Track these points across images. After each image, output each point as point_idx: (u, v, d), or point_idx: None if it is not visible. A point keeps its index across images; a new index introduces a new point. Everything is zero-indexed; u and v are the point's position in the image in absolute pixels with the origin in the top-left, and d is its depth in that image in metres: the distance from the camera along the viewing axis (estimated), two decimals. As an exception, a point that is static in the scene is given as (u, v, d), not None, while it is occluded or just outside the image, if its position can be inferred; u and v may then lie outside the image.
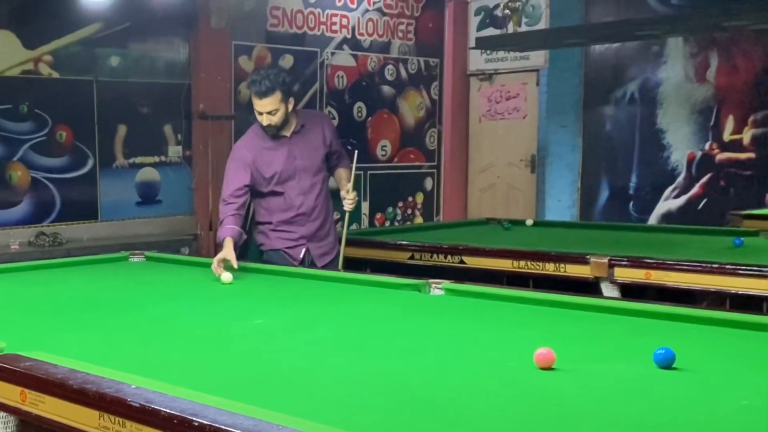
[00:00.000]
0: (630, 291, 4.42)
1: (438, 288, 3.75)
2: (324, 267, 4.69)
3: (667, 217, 8.31)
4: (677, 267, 4.23)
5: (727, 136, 8.03)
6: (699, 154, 8.17)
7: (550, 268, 4.67)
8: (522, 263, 4.78)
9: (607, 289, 4.48)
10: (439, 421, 2.07)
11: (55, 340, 2.88)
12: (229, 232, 4.42)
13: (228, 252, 4.27)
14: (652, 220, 8.39)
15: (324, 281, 4.11)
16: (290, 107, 4.59)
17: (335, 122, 7.74)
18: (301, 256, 4.69)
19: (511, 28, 6.71)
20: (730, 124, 8.01)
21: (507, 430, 2.01)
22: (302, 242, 4.69)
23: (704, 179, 8.16)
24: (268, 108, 4.50)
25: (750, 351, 2.77)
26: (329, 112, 8.01)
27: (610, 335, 3.02)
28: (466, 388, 2.36)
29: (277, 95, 4.48)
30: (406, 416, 2.10)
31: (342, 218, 4.75)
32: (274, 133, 4.62)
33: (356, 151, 4.80)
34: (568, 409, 2.18)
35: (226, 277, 4.08)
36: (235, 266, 4.22)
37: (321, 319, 3.35)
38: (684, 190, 8.28)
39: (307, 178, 4.66)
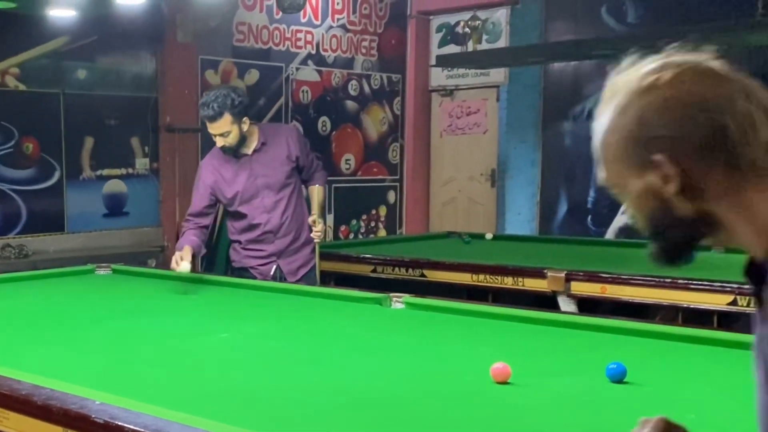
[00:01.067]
0: (587, 304, 4.53)
1: (399, 302, 3.82)
2: (299, 280, 4.67)
3: (625, 231, 8.47)
4: (631, 281, 4.37)
5: (680, 152, 8.21)
6: (655, 169, 8.34)
7: (508, 282, 4.79)
8: (481, 277, 4.89)
9: (564, 303, 4.60)
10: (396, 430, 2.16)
11: (20, 355, 2.89)
12: (187, 242, 4.47)
13: (184, 252, 4.35)
14: (610, 233, 8.54)
15: (287, 294, 4.17)
16: (245, 126, 4.55)
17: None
18: (272, 273, 4.68)
19: (471, 45, 6.84)
20: (684, 140, 8.18)
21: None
22: (272, 259, 4.68)
23: (660, 194, 8.33)
24: (220, 130, 4.49)
25: (699, 365, 2.88)
26: (294, 126, 8.10)
27: (565, 349, 3.13)
28: (422, 401, 2.45)
29: (227, 117, 4.45)
30: (362, 425, 2.19)
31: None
32: (231, 153, 4.60)
33: (323, 186, 4.82)
34: (522, 422, 2.28)
35: (184, 266, 4.20)
36: (188, 262, 4.28)
37: (284, 332, 3.41)
38: (640, 204, 8.44)
39: (270, 196, 4.62)
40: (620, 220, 8.51)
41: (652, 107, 1.23)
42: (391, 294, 3.88)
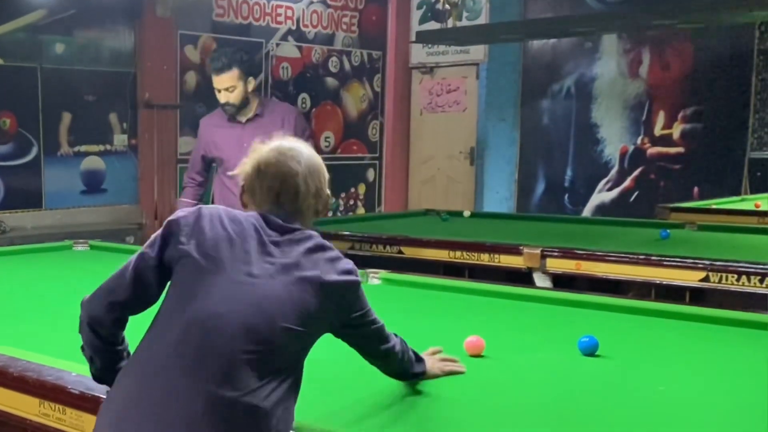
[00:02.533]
0: (562, 281, 4.59)
1: (375, 277, 3.88)
2: None
3: (601, 209, 8.54)
4: (605, 258, 4.41)
5: (657, 131, 8.29)
6: (631, 148, 8.42)
7: (484, 259, 4.82)
8: (458, 254, 4.92)
9: (540, 279, 4.64)
10: (365, 407, 2.19)
11: None
12: (189, 197, 4.75)
13: None
14: (586, 212, 8.62)
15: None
16: (250, 87, 4.63)
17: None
18: None
19: (451, 22, 6.85)
20: (661, 119, 8.26)
21: (432, 414, 2.15)
22: None
23: (636, 173, 8.41)
24: (225, 84, 4.55)
25: (671, 339, 2.95)
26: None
27: (539, 324, 3.18)
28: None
29: (235, 72, 4.54)
30: (333, 402, 2.22)
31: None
32: (232, 112, 4.65)
33: None
34: (494, 395, 2.32)
35: None
36: None
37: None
38: (617, 183, 8.53)
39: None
40: (597, 198, 8.59)
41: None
42: (368, 270, 3.92)
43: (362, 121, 9.15)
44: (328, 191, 2.15)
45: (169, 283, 1.96)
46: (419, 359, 2.33)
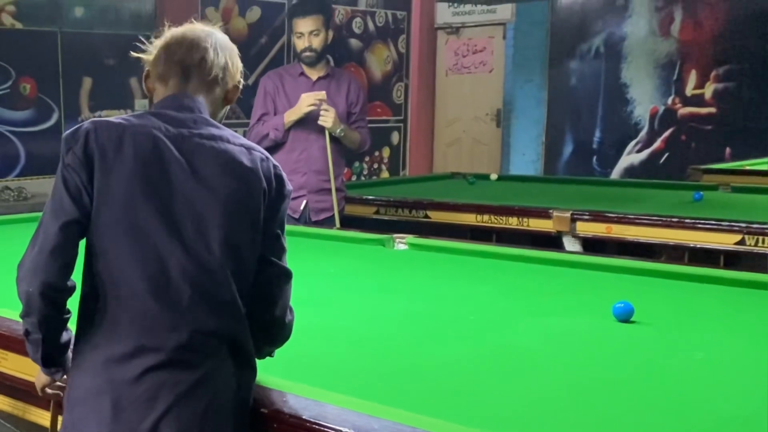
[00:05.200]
0: (592, 245, 4.50)
1: (402, 243, 3.81)
2: (321, 222, 4.59)
3: (630, 171, 8.41)
4: (637, 221, 4.32)
5: (689, 91, 8.12)
6: (662, 108, 8.26)
7: (513, 222, 4.74)
8: (485, 217, 4.83)
9: (569, 243, 4.55)
10: (397, 373, 2.13)
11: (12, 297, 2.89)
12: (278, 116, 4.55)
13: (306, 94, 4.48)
14: (615, 174, 8.49)
15: (293, 236, 4.13)
16: (329, 38, 4.59)
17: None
18: (301, 208, 4.58)
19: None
20: (692, 79, 8.09)
21: (463, 381, 2.08)
22: (302, 193, 4.57)
23: (666, 134, 8.26)
24: (311, 27, 4.50)
25: (707, 305, 2.86)
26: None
27: (569, 289, 3.10)
28: (425, 342, 2.42)
29: (320, 17, 4.52)
30: (364, 368, 2.16)
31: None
32: (312, 60, 4.56)
33: (361, 136, 4.73)
34: (523, 361, 2.25)
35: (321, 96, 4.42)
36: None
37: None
38: (646, 144, 8.38)
39: (316, 126, 4.49)
40: (626, 160, 8.45)
41: None
42: (395, 235, 3.86)
43: (386, 83, 9.02)
44: (240, 79, 1.99)
45: None
46: None
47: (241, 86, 1.99)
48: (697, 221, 4.12)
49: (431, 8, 9.05)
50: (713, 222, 4.07)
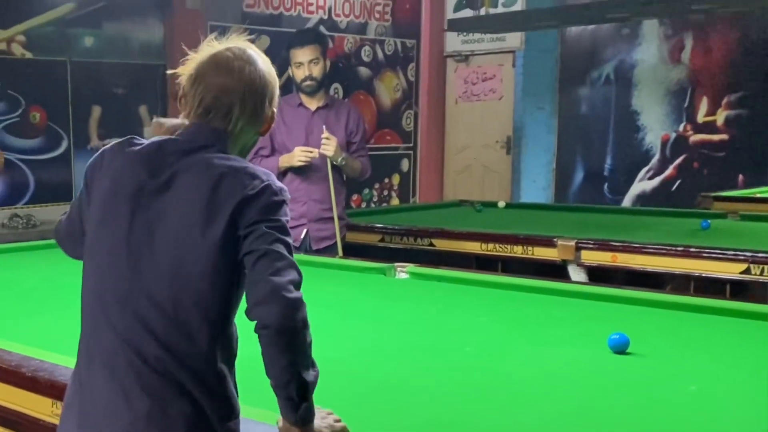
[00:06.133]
0: (598, 274, 4.46)
1: (403, 272, 3.79)
2: (322, 251, 4.59)
3: (642, 198, 8.37)
4: (642, 250, 4.28)
5: (701, 118, 8.09)
6: (673, 135, 8.23)
7: (518, 251, 4.71)
8: (490, 246, 4.81)
9: (574, 272, 4.52)
10: (388, 405, 2.12)
11: (14, 326, 2.88)
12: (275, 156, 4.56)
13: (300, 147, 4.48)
14: (627, 201, 8.45)
15: (293, 264, 4.12)
16: (327, 67, 4.63)
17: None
18: (302, 237, 4.59)
19: (484, 10, 6.71)
20: (704, 105, 8.06)
21: (454, 412, 2.06)
22: (303, 222, 4.58)
23: (678, 161, 8.22)
24: (310, 56, 4.53)
25: (708, 336, 2.83)
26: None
27: (570, 319, 3.07)
28: (418, 373, 2.41)
29: (318, 47, 4.57)
30: (354, 399, 2.14)
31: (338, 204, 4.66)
32: (312, 89, 4.58)
33: (362, 164, 4.72)
34: (516, 392, 2.23)
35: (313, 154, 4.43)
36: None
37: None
38: (658, 171, 8.34)
39: (317, 157, 4.50)
40: (638, 187, 8.42)
41: None
42: (396, 264, 3.84)
43: (396, 111, 9.04)
44: (274, 109, 1.92)
45: None
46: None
47: (274, 116, 1.94)
48: (702, 250, 4.08)
49: (441, 37, 9.07)
50: (718, 251, 4.03)
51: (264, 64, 1.89)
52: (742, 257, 3.92)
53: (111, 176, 1.80)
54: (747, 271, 3.89)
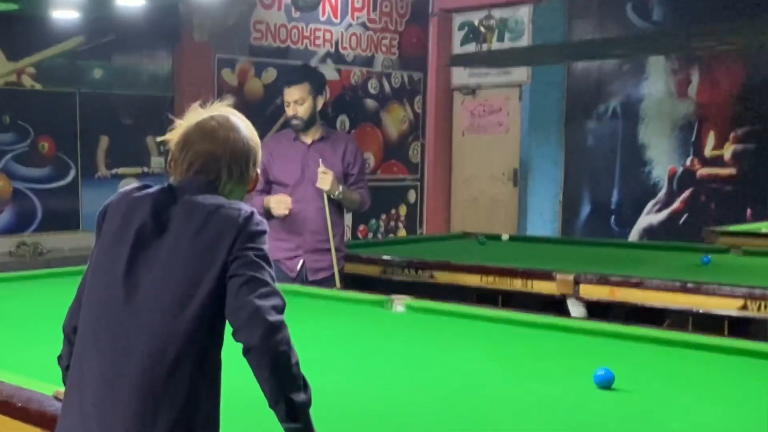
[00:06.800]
0: (597, 308, 4.46)
1: (400, 304, 3.79)
2: (319, 282, 4.61)
3: (649, 231, 8.36)
4: (640, 284, 4.27)
5: (708, 152, 8.09)
6: (680, 169, 8.23)
7: (517, 285, 4.70)
8: (490, 279, 4.80)
9: (573, 306, 4.51)
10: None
11: (12, 356, 2.90)
12: (261, 197, 4.59)
13: (276, 196, 4.55)
14: (634, 234, 8.44)
15: (289, 296, 4.13)
16: (319, 105, 4.66)
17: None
18: (298, 268, 4.63)
19: (486, 45, 6.76)
20: (711, 139, 8.07)
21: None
22: (299, 253, 4.62)
23: (685, 194, 8.22)
24: (295, 96, 4.58)
25: (697, 373, 2.83)
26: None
27: (561, 354, 3.07)
28: (402, 404, 2.43)
29: (306, 86, 4.60)
30: (338, 428, 2.16)
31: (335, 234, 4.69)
32: (299, 128, 4.64)
33: (361, 197, 4.77)
34: (499, 426, 2.24)
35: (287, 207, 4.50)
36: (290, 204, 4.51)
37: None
38: (665, 205, 8.34)
39: (312, 188, 4.58)
40: (645, 220, 8.41)
41: None
42: (393, 296, 3.85)
43: (403, 143, 9.09)
44: (257, 170, 2.07)
45: None
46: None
47: (258, 176, 2.09)
48: (700, 286, 4.07)
49: (447, 70, 9.14)
50: (715, 286, 4.02)
51: (246, 129, 2.04)
52: (738, 293, 3.91)
53: (120, 217, 1.92)
54: (744, 308, 3.89)
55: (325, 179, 4.51)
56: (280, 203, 4.54)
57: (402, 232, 9.02)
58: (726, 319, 3.99)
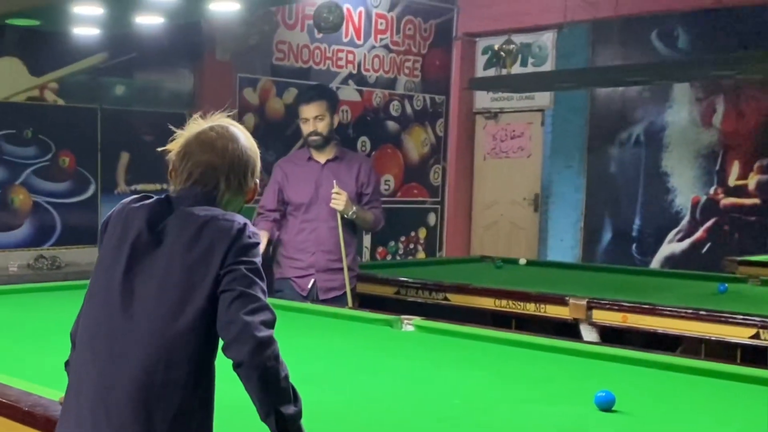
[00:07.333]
0: (610, 333, 4.43)
1: (409, 324, 3.80)
2: (330, 301, 4.61)
3: (671, 260, 8.28)
4: (653, 311, 4.25)
5: (732, 182, 8.02)
6: (704, 198, 8.16)
7: (530, 308, 4.70)
8: (504, 302, 4.81)
9: (586, 331, 4.49)
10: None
11: (22, 363, 2.95)
12: (262, 228, 4.58)
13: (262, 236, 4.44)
14: (655, 263, 8.37)
15: (299, 313, 4.16)
16: (335, 123, 4.72)
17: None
18: (309, 286, 4.66)
19: (508, 69, 6.76)
20: (735, 169, 8.00)
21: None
22: (311, 272, 4.66)
23: (708, 224, 8.14)
24: (315, 112, 4.63)
25: (705, 399, 2.79)
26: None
27: (563, 377, 3.06)
28: (402, 422, 2.42)
29: (324, 103, 4.65)
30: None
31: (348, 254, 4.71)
32: (318, 143, 4.67)
33: (374, 216, 4.81)
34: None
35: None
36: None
37: (287, 350, 3.39)
38: (688, 233, 8.26)
39: (326, 208, 4.61)
40: (667, 249, 8.34)
41: None
42: (402, 316, 3.85)
43: (424, 165, 9.08)
44: (256, 180, 2.09)
45: None
46: None
47: (257, 186, 2.11)
48: (712, 313, 4.05)
49: (470, 93, 9.14)
50: (727, 314, 3.99)
51: (246, 140, 2.06)
52: (751, 322, 3.88)
53: (119, 228, 1.96)
54: (756, 336, 3.84)
55: (338, 200, 4.53)
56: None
57: (421, 255, 9.00)
58: (739, 347, 3.95)
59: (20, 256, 6.29)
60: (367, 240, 8.41)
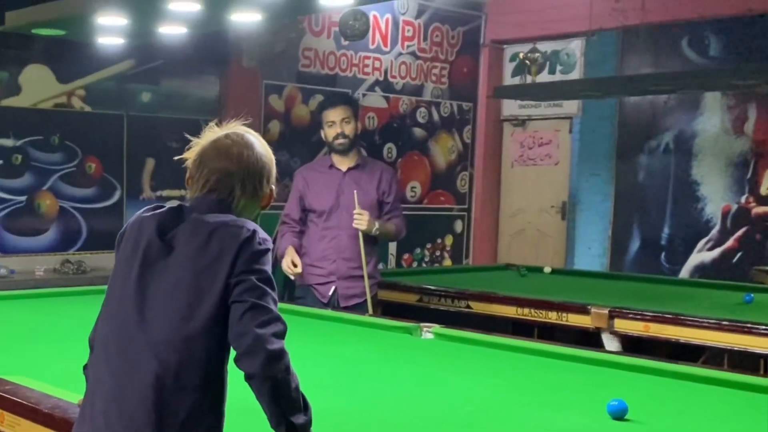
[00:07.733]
0: (632, 343, 4.39)
1: (428, 332, 3.79)
2: (351, 308, 4.62)
3: (700, 269, 8.18)
4: (675, 321, 4.20)
5: (764, 190, 7.92)
6: (734, 207, 8.06)
7: (552, 317, 4.68)
8: (526, 311, 4.79)
9: (608, 340, 4.46)
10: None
11: (44, 366, 2.99)
12: (289, 243, 4.63)
13: (293, 255, 4.54)
14: (685, 272, 8.27)
15: (319, 320, 4.16)
16: (358, 129, 4.78)
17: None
18: (330, 293, 4.67)
19: (533, 77, 6.72)
20: (767, 178, 7.90)
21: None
22: (332, 279, 4.67)
23: (739, 233, 8.04)
24: (342, 115, 4.67)
25: (726, 409, 2.76)
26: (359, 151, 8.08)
27: (580, 385, 3.04)
28: (414, 427, 2.43)
29: (349, 108, 4.72)
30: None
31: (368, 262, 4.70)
32: (344, 147, 4.69)
33: (396, 226, 4.81)
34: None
35: (298, 270, 4.49)
36: (299, 265, 4.52)
37: (305, 356, 3.39)
38: (718, 242, 8.16)
39: (348, 216, 4.62)
40: (696, 258, 8.24)
41: None
42: (422, 324, 3.84)
43: (451, 172, 9.05)
44: (272, 186, 2.11)
45: None
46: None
47: (273, 192, 2.12)
48: (736, 323, 3.99)
49: (497, 100, 9.10)
50: (750, 325, 3.93)
51: (261, 147, 2.09)
52: (770, 331, 3.82)
53: (134, 236, 2.00)
54: (778, 346, 3.79)
55: (361, 220, 4.54)
56: (289, 262, 4.55)
57: (447, 262, 8.96)
58: (762, 357, 3.89)
59: (46, 261, 6.35)
60: (392, 247, 8.39)
